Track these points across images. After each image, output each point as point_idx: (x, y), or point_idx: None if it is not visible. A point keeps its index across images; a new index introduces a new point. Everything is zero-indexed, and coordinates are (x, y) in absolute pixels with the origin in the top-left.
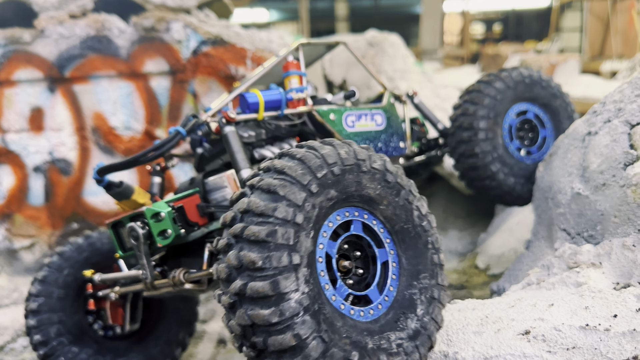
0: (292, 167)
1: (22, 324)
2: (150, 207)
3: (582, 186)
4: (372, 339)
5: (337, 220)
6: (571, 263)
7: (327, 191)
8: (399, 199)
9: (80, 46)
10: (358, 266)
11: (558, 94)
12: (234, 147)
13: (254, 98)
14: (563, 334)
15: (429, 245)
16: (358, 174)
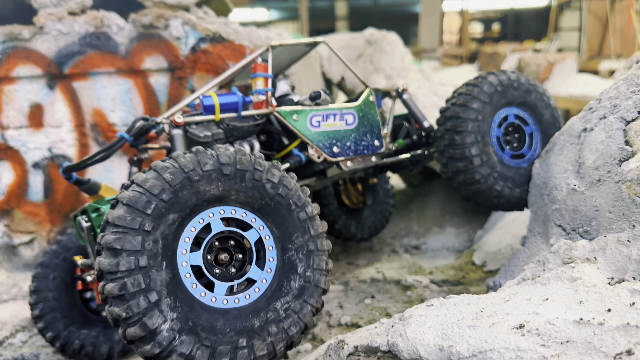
0: (122, 216)
1: (20, 319)
2: (92, 203)
3: (578, 182)
4: (259, 317)
5: (192, 232)
6: (566, 258)
7: (165, 219)
8: (245, 182)
9: (79, 43)
10: (237, 252)
11: (531, 89)
12: (177, 149)
13: (210, 101)
14: (557, 328)
15: (292, 207)
16: (192, 185)
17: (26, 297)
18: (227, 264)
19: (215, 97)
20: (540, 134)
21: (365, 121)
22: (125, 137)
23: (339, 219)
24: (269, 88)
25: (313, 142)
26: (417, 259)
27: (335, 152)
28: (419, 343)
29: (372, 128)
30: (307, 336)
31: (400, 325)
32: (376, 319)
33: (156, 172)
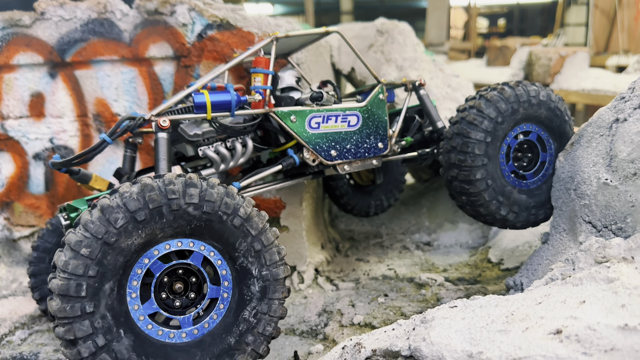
0: (61, 307)
1: (20, 316)
2: (70, 203)
3: (610, 176)
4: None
5: (135, 286)
6: (599, 257)
7: (102, 292)
8: (165, 217)
9: (82, 30)
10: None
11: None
12: (160, 154)
13: (201, 98)
14: (599, 334)
15: (223, 217)
16: (112, 248)
17: (26, 293)
18: (184, 291)
19: (207, 95)
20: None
21: (370, 122)
22: (107, 140)
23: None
24: (268, 86)
25: (309, 145)
26: (430, 256)
27: (333, 155)
28: (445, 349)
29: (377, 129)
30: (318, 336)
31: (423, 328)
32: (391, 319)
33: (73, 251)
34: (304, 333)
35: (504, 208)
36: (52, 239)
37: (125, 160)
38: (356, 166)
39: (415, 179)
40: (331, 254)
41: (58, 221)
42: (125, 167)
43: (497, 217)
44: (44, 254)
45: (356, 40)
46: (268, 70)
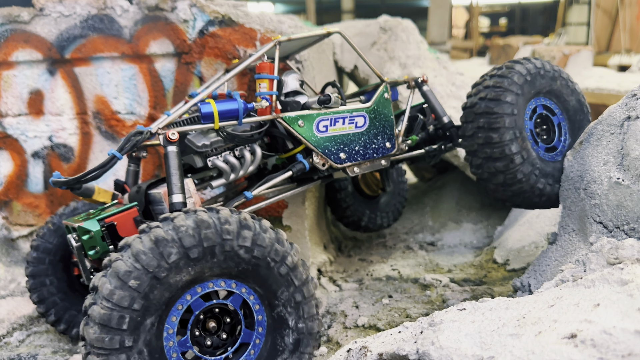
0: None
1: (18, 317)
2: (82, 225)
3: (622, 175)
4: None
5: (174, 322)
6: (612, 259)
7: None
8: (217, 257)
9: (81, 26)
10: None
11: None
12: (171, 169)
13: (208, 108)
14: (615, 339)
15: (270, 264)
16: (161, 283)
17: (25, 293)
18: (217, 330)
19: (214, 105)
20: (568, 122)
21: (377, 122)
22: (117, 156)
23: (364, 216)
24: (274, 91)
25: (319, 149)
26: (434, 256)
27: (342, 158)
28: (455, 353)
29: (385, 129)
30: (321, 338)
31: (431, 332)
32: (396, 321)
33: (121, 281)
34: None
35: (540, 181)
36: (53, 239)
37: (129, 174)
38: (365, 167)
39: (418, 178)
40: (334, 254)
41: (60, 220)
42: (128, 181)
43: (536, 192)
44: (44, 254)
45: (359, 38)
46: (273, 75)
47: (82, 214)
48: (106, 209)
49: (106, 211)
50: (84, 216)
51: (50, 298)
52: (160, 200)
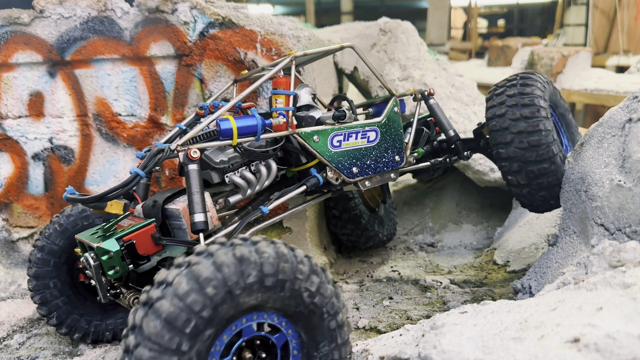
0: (159, 333)
1: (18, 319)
2: (101, 245)
3: (623, 177)
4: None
5: (224, 340)
6: (614, 262)
7: (201, 336)
8: (284, 292)
9: (82, 28)
10: (260, 350)
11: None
12: (192, 188)
13: (227, 125)
14: (619, 343)
15: (324, 315)
16: (232, 299)
17: (25, 296)
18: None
19: (234, 122)
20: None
21: (387, 136)
22: (141, 174)
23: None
24: (290, 107)
25: (332, 164)
26: (434, 257)
27: (355, 172)
28: (457, 357)
29: (394, 143)
30: None
31: (433, 335)
32: (397, 323)
33: (199, 285)
34: None
35: None
36: (59, 241)
37: (140, 187)
38: (376, 181)
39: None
40: (334, 256)
41: (67, 221)
42: (139, 193)
43: None
44: (50, 256)
45: (359, 40)
46: (289, 91)
47: (95, 229)
48: (119, 223)
49: (122, 227)
50: (99, 231)
51: (53, 301)
52: (179, 216)
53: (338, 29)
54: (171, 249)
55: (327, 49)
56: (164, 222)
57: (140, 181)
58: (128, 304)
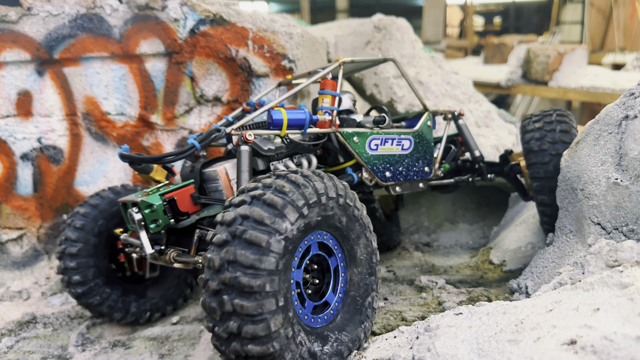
0: (265, 214)
1: (7, 322)
2: (144, 199)
3: (620, 175)
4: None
5: (300, 251)
6: (611, 261)
7: (296, 231)
8: (336, 210)
9: (70, 25)
10: (313, 275)
11: None
12: (242, 166)
13: (279, 116)
14: (616, 345)
15: (361, 239)
16: (319, 207)
17: (14, 298)
18: (307, 284)
19: (285, 113)
20: None
21: (419, 147)
22: (197, 146)
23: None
24: (335, 107)
25: (368, 166)
26: (429, 257)
27: (388, 176)
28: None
29: (425, 154)
30: None
31: (427, 337)
32: (392, 325)
33: (295, 184)
34: None
35: None
36: (99, 221)
37: (183, 167)
38: (405, 188)
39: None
40: None
41: (106, 202)
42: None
43: None
44: (91, 235)
45: (353, 37)
46: (336, 92)
47: (137, 193)
48: (160, 188)
49: (162, 189)
50: (141, 194)
51: (93, 280)
52: (216, 178)
53: (332, 26)
54: (208, 208)
55: (372, 59)
56: (201, 185)
57: (185, 164)
58: (169, 260)
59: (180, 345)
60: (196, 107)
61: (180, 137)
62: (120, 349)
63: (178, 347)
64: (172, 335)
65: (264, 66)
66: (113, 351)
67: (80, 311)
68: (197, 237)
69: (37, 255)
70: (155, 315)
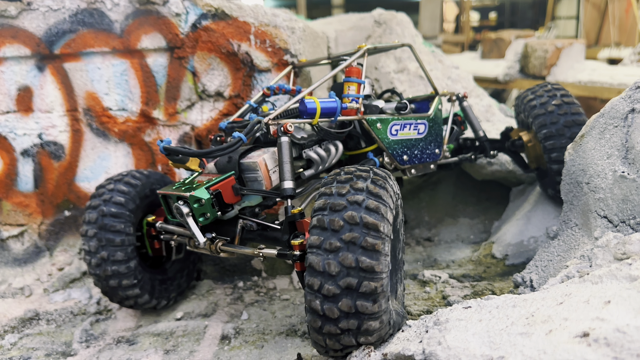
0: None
1: (10, 319)
2: (193, 194)
3: (627, 169)
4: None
5: None
6: (619, 254)
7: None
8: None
9: (71, 20)
10: None
11: None
12: (284, 157)
13: (313, 105)
14: (630, 337)
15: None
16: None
17: (16, 295)
18: None
19: (318, 102)
20: None
21: (432, 130)
22: (244, 139)
23: None
24: (361, 94)
25: (389, 150)
26: (431, 252)
27: (405, 160)
28: (463, 353)
29: (437, 137)
30: None
31: (437, 331)
32: None
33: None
34: (306, 334)
35: None
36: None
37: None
38: (418, 170)
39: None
40: None
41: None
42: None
43: None
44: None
45: (353, 32)
46: (361, 79)
47: (174, 185)
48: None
49: (201, 182)
50: (181, 186)
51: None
52: (255, 169)
53: (332, 21)
54: (249, 198)
55: (390, 45)
56: (239, 175)
57: None
58: (215, 250)
59: (185, 340)
60: (198, 102)
61: (182, 132)
62: (125, 345)
63: (183, 342)
64: (177, 331)
65: (266, 61)
66: (117, 347)
67: (83, 307)
68: (240, 227)
69: (39, 251)
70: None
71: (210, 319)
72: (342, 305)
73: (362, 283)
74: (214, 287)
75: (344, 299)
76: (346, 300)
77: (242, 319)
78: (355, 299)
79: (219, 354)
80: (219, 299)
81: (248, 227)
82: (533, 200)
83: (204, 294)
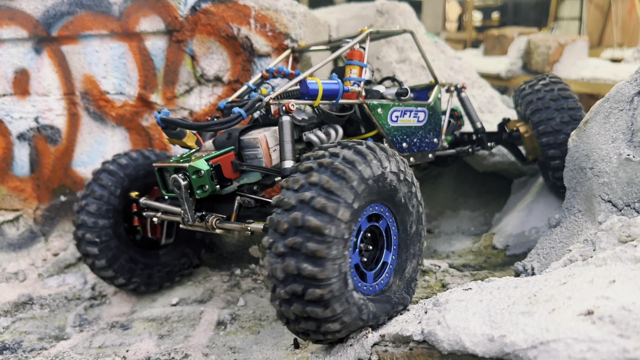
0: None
1: (3, 303)
2: (192, 164)
3: (632, 151)
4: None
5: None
6: (624, 236)
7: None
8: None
9: (69, 2)
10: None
11: None
12: (285, 136)
13: (315, 86)
14: (635, 315)
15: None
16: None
17: (10, 279)
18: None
19: (320, 84)
20: None
21: (432, 119)
22: (243, 115)
23: None
24: (363, 78)
25: (389, 137)
26: (431, 243)
27: (404, 147)
28: (463, 332)
29: (435, 126)
30: None
31: (436, 312)
32: None
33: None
34: None
35: None
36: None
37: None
38: (417, 158)
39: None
40: None
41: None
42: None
43: None
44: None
45: (355, 21)
46: (363, 63)
47: (174, 158)
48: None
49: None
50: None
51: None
52: (256, 146)
53: (334, 10)
54: (247, 175)
55: (393, 30)
56: (238, 152)
57: None
58: (210, 226)
59: (180, 326)
60: (197, 86)
61: (180, 117)
62: (119, 329)
63: (178, 328)
64: (172, 316)
65: (266, 45)
66: (111, 332)
67: (78, 293)
68: (237, 204)
69: (34, 236)
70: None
71: (206, 305)
72: (294, 309)
73: (307, 291)
74: (210, 274)
75: (294, 304)
76: (297, 306)
77: (239, 305)
78: (304, 305)
79: (214, 339)
80: (215, 286)
81: (246, 204)
82: (535, 192)
83: (201, 280)
